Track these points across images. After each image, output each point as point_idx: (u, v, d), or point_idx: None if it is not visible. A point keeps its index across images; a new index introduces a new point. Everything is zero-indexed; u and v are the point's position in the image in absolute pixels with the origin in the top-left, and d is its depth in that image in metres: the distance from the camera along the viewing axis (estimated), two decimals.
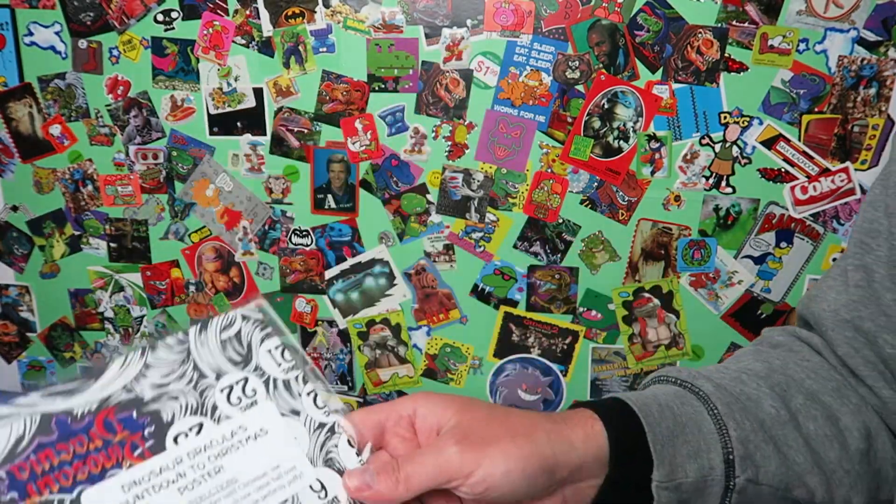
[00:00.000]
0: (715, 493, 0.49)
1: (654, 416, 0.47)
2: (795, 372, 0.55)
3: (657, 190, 0.91)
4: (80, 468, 0.37)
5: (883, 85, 0.83)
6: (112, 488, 0.38)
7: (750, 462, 0.49)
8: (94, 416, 0.38)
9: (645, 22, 0.86)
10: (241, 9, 0.92)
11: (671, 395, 0.51)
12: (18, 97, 0.99)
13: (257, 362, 0.44)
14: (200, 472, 0.40)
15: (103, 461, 0.38)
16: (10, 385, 1.13)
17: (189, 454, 0.40)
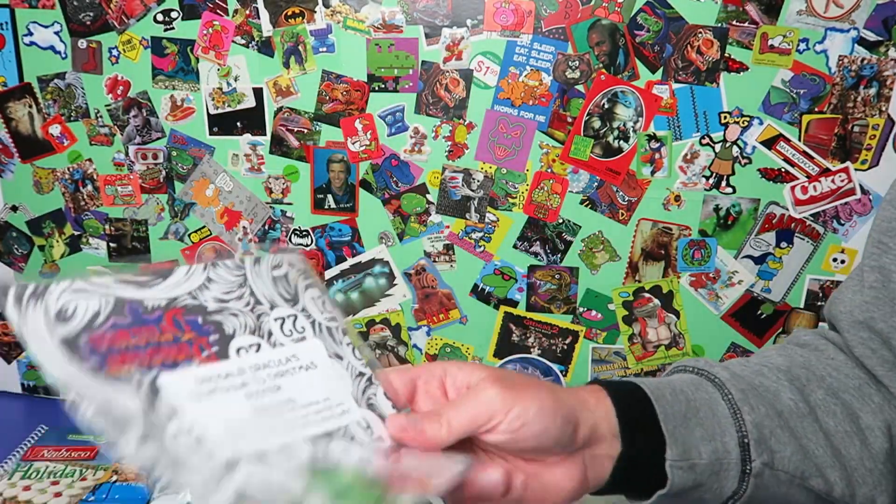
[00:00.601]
0: (731, 476, 0.49)
1: (667, 399, 0.48)
2: (817, 368, 0.55)
3: (657, 190, 0.91)
4: (154, 355, 0.38)
5: (883, 85, 0.83)
6: (187, 378, 0.39)
7: (765, 446, 0.49)
8: (164, 311, 0.40)
9: (645, 22, 0.86)
10: (240, 9, 0.92)
11: (686, 382, 0.51)
12: (18, 97, 0.99)
13: (304, 304, 0.46)
14: (262, 387, 0.41)
15: (175, 354, 0.39)
16: (10, 385, 1.13)
17: (250, 367, 0.41)
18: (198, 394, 0.39)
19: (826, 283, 0.91)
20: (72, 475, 0.85)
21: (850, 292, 0.58)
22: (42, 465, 0.87)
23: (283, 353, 0.43)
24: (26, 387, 1.13)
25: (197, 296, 0.41)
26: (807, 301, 0.92)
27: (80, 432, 0.97)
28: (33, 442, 0.94)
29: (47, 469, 0.86)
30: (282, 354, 0.43)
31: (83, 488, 0.82)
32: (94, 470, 0.86)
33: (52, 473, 0.85)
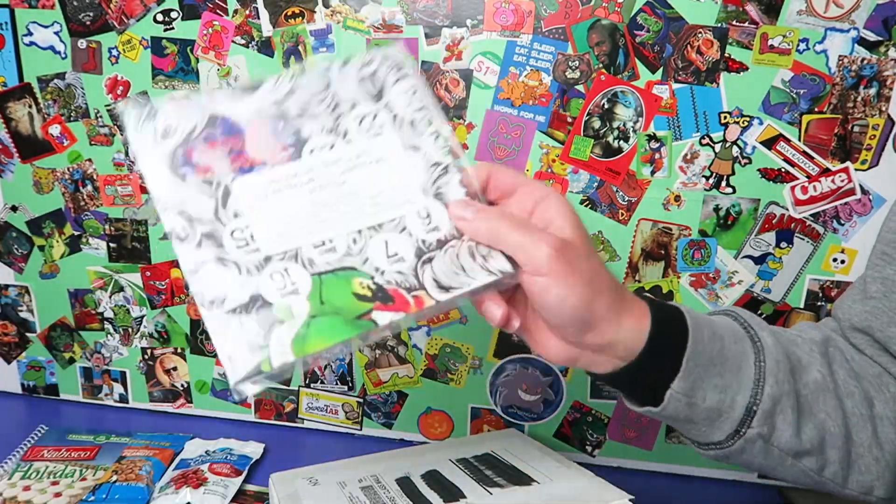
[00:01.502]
0: (724, 429, 0.51)
1: (703, 338, 0.49)
2: (846, 350, 0.57)
3: (657, 190, 0.91)
4: (235, 160, 0.45)
5: (883, 85, 0.83)
6: (257, 180, 0.46)
7: (770, 420, 0.50)
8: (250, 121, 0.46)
9: (645, 22, 0.86)
10: (240, 9, 0.92)
11: (730, 330, 0.52)
12: (18, 97, 0.99)
13: (388, 99, 0.49)
14: (327, 181, 0.46)
15: (253, 157, 0.46)
16: (10, 385, 1.13)
17: (321, 164, 0.46)
18: (264, 194, 0.45)
19: (826, 283, 0.91)
20: (72, 475, 0.85)
21: (851, 300, 0.59)
22: (42, 465, 0.87)
23: (356, 149, 0.47)
24: (26, 387, 1.13)
25: (281, 103, 0.46)
26: (807, 301, 0.92)
27: (80, 432, 0.97)
28: (33, 442, 0.94)
29: (47, 469, 0.86)
30: (354, 150, 0.47)
31: (83, 488, 0.82)
32: (94, 470, 0.86)
33: (52, 473, 0.85)
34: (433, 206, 0.48)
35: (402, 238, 0.47)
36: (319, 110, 0.47)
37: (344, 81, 0.48)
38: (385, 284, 0.46)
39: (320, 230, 0.46)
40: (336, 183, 0.46)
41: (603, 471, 0.76)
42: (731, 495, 0.95)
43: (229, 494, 0.82)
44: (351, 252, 0.46)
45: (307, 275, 0.45)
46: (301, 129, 0.46)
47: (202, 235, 0.45)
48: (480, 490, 0.71)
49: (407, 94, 0.49)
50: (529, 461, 0.79)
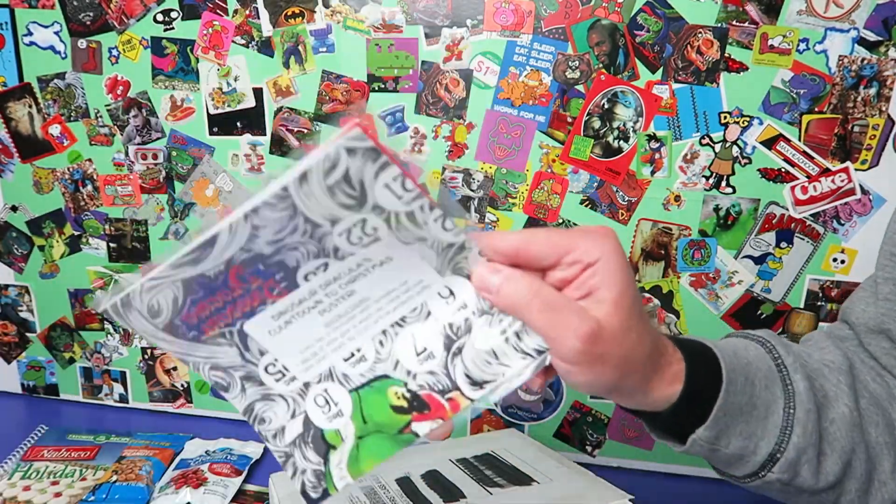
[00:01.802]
0: (743, 471, 0.50)
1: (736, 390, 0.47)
2: (862, 371, 0.55)
3: (657, 190, 0.91)
4: (233, 310, 0.43)
5: (883, 85, 0.83)
6: (265, 319, 0.43)
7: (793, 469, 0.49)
8: (227, 273, 0.41)
9: (645, 22, 0.86)
10: (240, 9, 0.92)
11: (762, 372, 0.50)
12: (18, 97, 0.99)
13: (374, 200, 0.39)
14: (334, 298, 0.43)
15: (250, 302, 0.43)
16: (10, 385, 1.13)
17: (321, 286, 0.43)
18: (277, 328, 0.44)
19: (826, 283, 0.91)
20: (72, 475, 0.85)
21: (864, 303, 0.58)
22: (42, 465, 0.87)
23: (354, 261, 0.42)
24: (26, 387, 1.13)
25: (250, 247, 0.40)
26: (807, 301, 0.92)
27: (80, 432, 0.97)
28: (33, 442, 0.94)
29: (47, 469, 0.86)
30: (352, 262, 0.42)
31: (83, 488, 0.82)
32: (94, 470, 0.86)
33: (52, 473, 0.85)
34: (454, 282, 0.43)
35: (429, 327, 0.44)
36: (296, 240, 0.40)
37: (311, 200, 0.38)
38: (419, 390, 0.44)
39: (345, 343, 0.45)
40: (343, 296, 0.43)
41: (603, 471, 0.76)
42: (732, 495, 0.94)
43: (229, 494, 0.82)
44: (381, 357, 0.45)
45: (346, 392, 0.45)
46: (285, 262, 0.41)
47: (241, 379, 0.45)
48: (480, 490, 0.71)
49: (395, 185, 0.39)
50: (529, 461, 0.79)
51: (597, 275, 0.40)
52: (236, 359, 0.44)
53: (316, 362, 0.45)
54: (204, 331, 0.43)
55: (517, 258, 0.41)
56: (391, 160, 0.38)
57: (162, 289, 0.41)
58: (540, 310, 0.40)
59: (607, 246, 0.40)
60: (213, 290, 0.41)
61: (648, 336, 0.43)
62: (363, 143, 0.37)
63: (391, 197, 0.39)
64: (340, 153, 0.37)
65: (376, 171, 0.38)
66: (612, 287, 0.40)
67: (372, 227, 0.40)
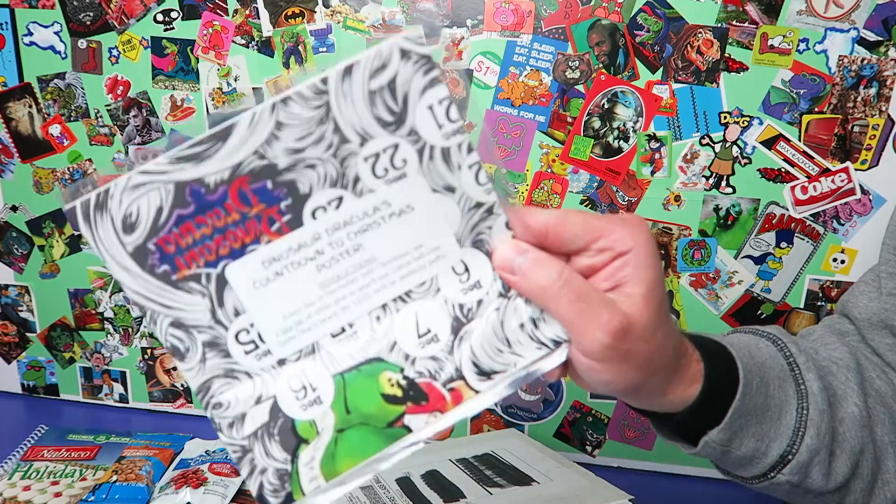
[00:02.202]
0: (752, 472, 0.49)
1: (752, 392, 0.46)
2: (867, 368, 0.54)
3: (657, 190, 0.91)
4: (220, 243, 0.36)
5: (883, 85, 0.83)
6: (252, 263, 0.36)
7: (804, 471, 0.48)
8: (228, 185, 0.35)
9: (645, 22, 0.86)
10: (240, 9, 0.92)
11: (776, 372, 0.49)
12: (18, 97, 0.99)
13: (413, 124, 0.35)
14: (339, 250, 0.37)
15: (242, 236, 0.36)
16: (10, 385, 1.13)
17: (328, 230, 0.36)
18: (265, 279, 0.36)
19: (826, 283, 0.91)
20: (72, 475, 0.85)
21: (867, 298, 0.57)
22: (42, 465, 0.87)
23: (371, 202, 0.36)
24: (26, 387, 1.13)
25: (265, 152, 0.34)
26: (807, 301, 0.92)
27: (80, 432, 0.97)
28: (33, 442, 0.94)
29: (47, 469, 0.86)
30: (369, 204, 0.36)
31: (83, 488, 0.82)
32: (94, 470, 0.86)
33: (52, 473, 0.85)
34: (472, 258, 0.38)
35: (436, 305, 0.39)
36: (317, 154, 0.35)
37: (348, 102, 0.34)
38: (417, 378, 0.39)
39: (337, 314, 0.38)
40: (349, 250, 0.37)
41: (603, 471, 0.76)
42: (732, 495, 0.95)
43: (229, 494, 0.82)
44: (375, 335, 0.38)
45: (328, 376, 0.38)
46: (297, 184, 0.35)
47: (203, 346, 0.37)
48: (480, 490, 0.71)
49: (439, 109, 0.35)
50: (529, 461, 0.79)
51: (628, 266, 0.37)
52: (205, 316, 0.36)
53: (298, 333, 0.38)
54: (178, 266, 0.35)
55: (546, 238, 0.38)
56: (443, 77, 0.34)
57: (149, 190, 0.34)
58: (570, 299, 0.37)
59: (641, 237, 0.38)
60: (207, 206, 0.35)
61: (674, 336, 0.41)
62: (420, 47, 0.33)
63: (432, 123, 0.35)
64: (394, 53, 0.33)
65: (424, 86, 0.34)
66: (643, 281, 0.37)
67: (402, 159, 0.36)
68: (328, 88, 0.34)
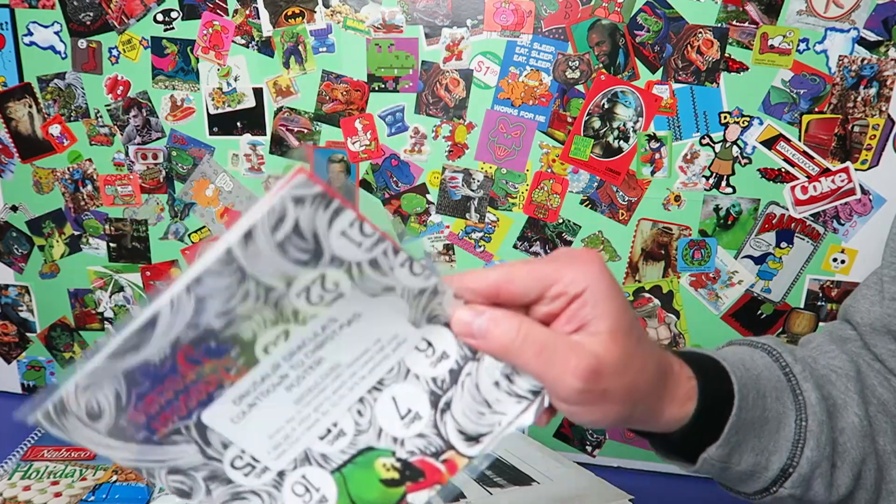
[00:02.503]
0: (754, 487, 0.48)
1: (748, 406, 0.45)
2: (868, 375, 0.53)
3: (657, 190, 0.91)
4: (187, 399, 0.37)
5: (883, 85, 0.83)
6: (224, 405, 0.37)
7: (806, 484, 0.47)
8: (174, 357, 0.35)
9: (645, 22, 0.86)
10: (240, 9, 0.92)
11: (772, 383, 0.48)
12: (18, 97, 0.99)
13: (331, 252, 0.35)
14: (301, 369, 0.38)
15: (205, 388, 0.37)
16: (10, 385, 1.13)
17: (284, 357, 0.37)
18: (240, 413, 0.38)
19: (826, 283, 0.91)
20: (72, 475, 0.85)
21: (868, 303, 0.56)
22: (42, 465, 0.87)
23: (319, 323, 0.37)
24: (26, 387, 1.13)
25: (197, 323, 0.35)
26: (807, 301, 0.92)
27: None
28: (33, 442, 0.94)
29: (47, 469, 0.86)
30: (317, 326, 0.37)
31: (83, 488, 0.82)
32: (94, 470, 0.86)
33: (52, 473, 0.85)
34: (431, 332, 0.39)
35: (411, 386, 0.39)
36: (248, 308, 0.35)
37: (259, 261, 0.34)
38: (409, 457, 0.40)
39: (320, 419, 0.39)
40: (311, 366, 0.38)
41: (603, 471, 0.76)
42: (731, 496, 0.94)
43: None
44: (361, 428, 0.40)
45: (327, 475, 0.40)
46: (240, 335, 0.36)
47: (205, 481, 0.39)
48: (480, 490, 0.71)
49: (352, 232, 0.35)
50: (529, 461, 0.79)
51: (586, 306, 0.37)
52: (197, 457, 0.38)
53: (289, 446, 0.39)
54: (156, 429, 0.37)
55: (498, 297, 0.38)
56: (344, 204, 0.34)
57: (101, 385, 0.35)
58: (534, 352, 0.37)
59: (593, 272, 0.37)
60: (161, 378, 0.35)
61: (652, 359, 0.41)
62: (310, 189, 0.33)
63: (350, 245, 0.35)
64: (287, 204, 0.33)
65: (330, 219, 0.34)
66: (605, 317, 0.37)
67: (333, 283, 0.36)
68: (235, 257, 0.34)
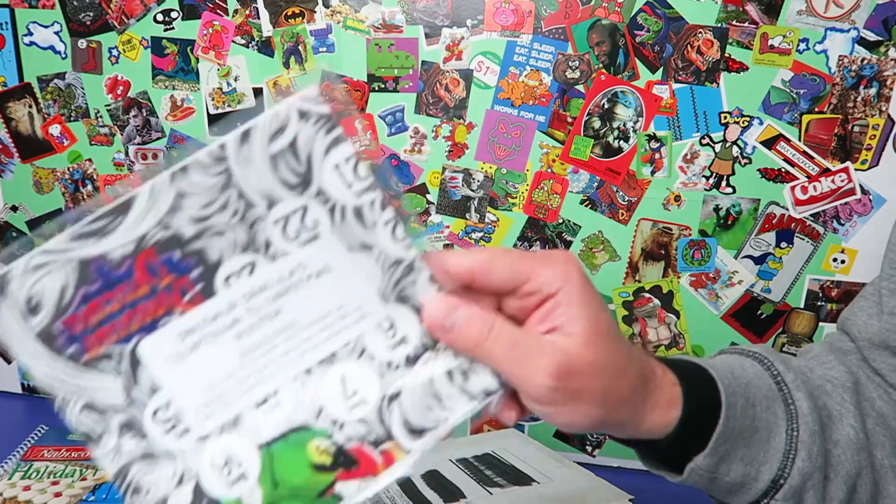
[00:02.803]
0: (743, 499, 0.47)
1: (737, 415, 0.44)
2: (868, 388, 0.52)
3: (657, 190, 0.91)
4: (132, 318, 0.34)
5: (883, 85, 0.83)
6: (167, 337, 0.35)
7: (798, 496, 0.46)
8: (134, 258, 0.33)
9: (645, 22, 0.86)
10: (240, 9, 0.92)
11: (763, 392, 0.47)
12: (18, 97, 0.99)
13: (320, 184, 0.34)
14: (257, 316, 0.35)
15: (154, 309, 0.34)
16: (10, 385, 1.13)
17: (243, 296, 0.35)
18: (179, 353, 0.35)
19: (826, 283, 0.91)
20: (72, 475, 0.85)
21: (866, 315, 0.55)
22: (42, 465, 0.87)
23: (287, 266, 0.35)
24: (26, 387, 1.13)
25: (169, 223, 0.33)
26: (807, 301, 0.92)
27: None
28: (33, 442, 0.94)
29: (47, 469, 0.86)
30: (284, 268, 0.35)
31: (83, 488, 0.82)
32: (94, 470, 0.86)
33: (52, 473, 0.85)
34: (398, 314, 0.37)
35: (362, 366, 0.37)
36: (223, 221, 0.33)
37: (249, 168, 0.33)
38: (346, 443, 0.37)
39: (260, 383, 0.36)
40: (267, 316, 0.35)
41: (603, 471, 0.76)
42: None
43: None
44: (301, 402, 0.36)
45: (253, 449, 0.36)
46: (206, 252, 0.34)
47: (119, 428, 0.35)
48: (480, 490, 0.71)
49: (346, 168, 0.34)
50: (529, 461, 0.79)
51: (560, 307, 0.37)
52: (119, 396, 0.34)
53: (219, 408, 0.35)
54: (87, 347, 0.34)
55: (473, 282, 0.37)
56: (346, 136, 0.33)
57: (52, 270, 0.33)
58: (503, 350, 0.36)
59: (568, 274, 0.37)
60: (113, 282, 0.33)
61: (632, 364, 0.40)
62: (318, 107, 0.32)
63: (340, 183, 0.34)
64: (291, 114, 0.32)
65: (328, 146, 0.33)
66: (580, 319, 0.37)
67: (313, 220, 0.35)
68: (227, 154, 0.33)
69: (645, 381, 0.41)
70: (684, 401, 0.42)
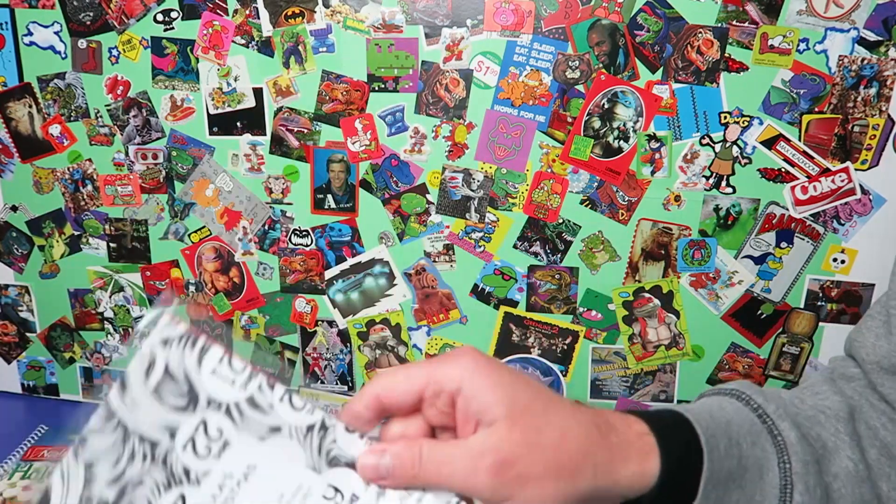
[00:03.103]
0: None
1: (721, 456, 0.42)
2: (871, 417, 0.50)
3: (657, 190, 0.91)
4: None
5: (883, 85, 0.83)
6: None
7: None
8: None
9: (645, 22, 0.86)
10: (240, 9, 0.92)
11: (745, 428, 0.45)
12: (18, 97, 0.99)
13: (207, 394, 0.35)
14: None
15: None
16: (10, 385, 1.13)
17: None
18: None
19: (826, 283, 0.91)
20: None
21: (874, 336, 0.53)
22: (42, 465, 0.86)
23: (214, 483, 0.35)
24: (26, 387, 1.13)
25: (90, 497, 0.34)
26: (807, 301, 0.92)
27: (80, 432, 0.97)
28: (33, 442, 0.94)
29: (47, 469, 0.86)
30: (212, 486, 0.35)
31: None
32: None
33: None
34: (336, 477, 0.37)
35: None
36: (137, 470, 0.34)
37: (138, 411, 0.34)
38: None
39: None
40: None
41: None
42: None
43: None
44: None
45: None
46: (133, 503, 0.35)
47: None
48: None
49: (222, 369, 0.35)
50: None
51: (470, 401, 0.37)
52: None
53: None
54: None
55: (386, 410, 0.38)
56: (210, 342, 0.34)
57: None
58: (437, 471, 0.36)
59: (464, 364, 0.37)
60: None
61: (578, 424, 0.39)
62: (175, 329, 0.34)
63: (223, 384, 0.35)
64: (155, 349, 0.34)
65: (198, 358, 0.34)
66: (494, 405, 0.37)
67: (216, 429, 0.35)
68: (114, 410, 0.34)
69: (603, 436, 0.40)
70: (661, 449, 0.41)
